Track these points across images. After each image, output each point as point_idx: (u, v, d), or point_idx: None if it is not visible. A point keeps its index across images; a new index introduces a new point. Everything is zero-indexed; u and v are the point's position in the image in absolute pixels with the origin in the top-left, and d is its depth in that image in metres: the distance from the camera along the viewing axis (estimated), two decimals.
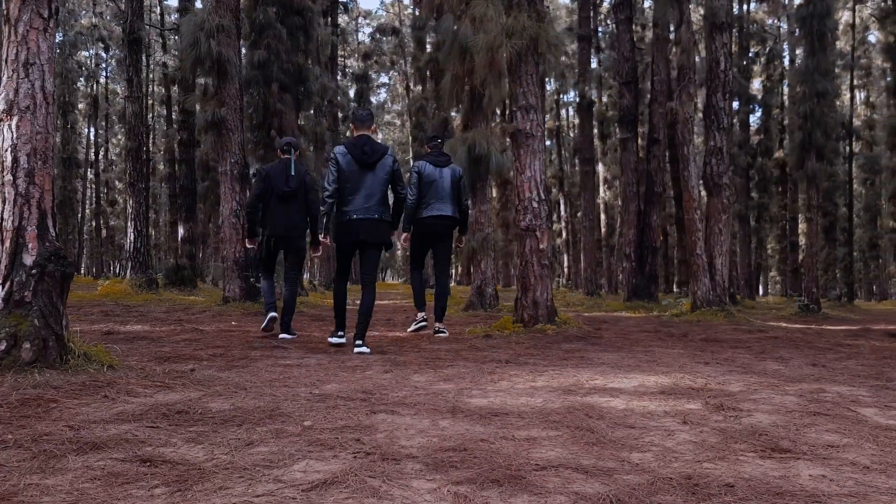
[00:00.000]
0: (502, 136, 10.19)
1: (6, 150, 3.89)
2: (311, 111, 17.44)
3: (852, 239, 23.68)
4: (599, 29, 31.29)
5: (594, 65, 24.42)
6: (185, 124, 19.07)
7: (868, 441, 2.90)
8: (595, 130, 25.95)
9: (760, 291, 39.51)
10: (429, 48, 20.77)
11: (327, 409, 3.32)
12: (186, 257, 17.86)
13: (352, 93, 33.91)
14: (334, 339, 5.95)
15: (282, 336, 6.47)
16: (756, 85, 32.71)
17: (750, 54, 27.73)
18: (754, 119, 30.52)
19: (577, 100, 20.78)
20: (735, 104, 23.81)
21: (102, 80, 40.21)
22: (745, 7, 26.81)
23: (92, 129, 41.26)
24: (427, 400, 3.60)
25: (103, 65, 39.81)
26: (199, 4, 17.13)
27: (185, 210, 18.87)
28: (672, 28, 11.33)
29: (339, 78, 29.42)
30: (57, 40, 9.33)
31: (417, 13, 23.37)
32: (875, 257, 33.57)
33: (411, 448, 2.69)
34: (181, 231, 19.09)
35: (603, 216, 35.56)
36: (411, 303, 9.86)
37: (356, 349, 5.57)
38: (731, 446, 2.81)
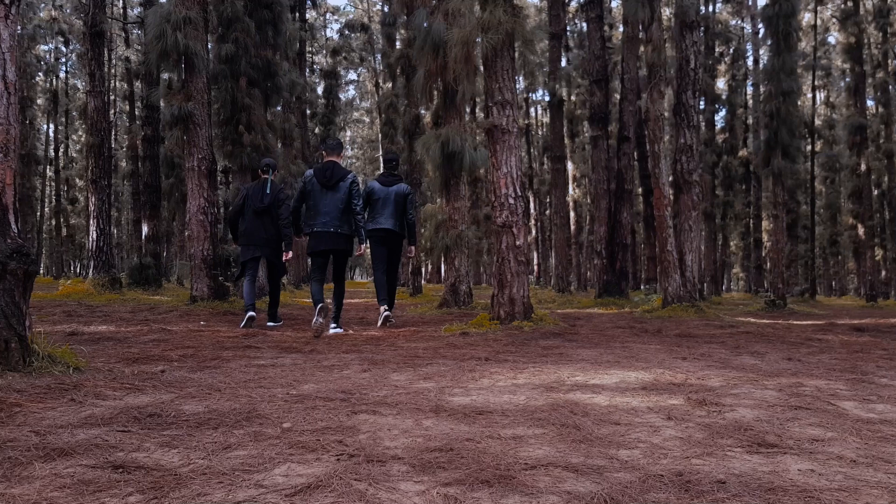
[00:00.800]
0: (475, 132, 10.13)
1: None
2: (280, 107, 17.21)
3: (814, 236, 24.13)
4: (568, 28, 31.45)
5: (563, 63, 24.49)
6: (150, 120, 18.68)
7: (851, 434, 2.90)
8: (564, 129, 26.06)
9: (724, 287, 40.15)
10: (399, 45, 20.65)
11: (306, 410, 3.22)
12: (151, 256, 17.48)
13: (320, 89, 33.60)
14: (332, 331, 7.11)
15: (269, 324, 7.74)
16: (721, 84, 33.20)
17: (715, 54, 28.13)
18: (719, 118, 30.98)
19: (547, 97, 20.82)
20: (701, 103, 24.12)
21: (62, 75, 39.27)
22: (710, 7, 27.18)
23: (51, 126, 40.28)
24: (408, 399, 3.52)
25: (63, 59, 38.89)
26: None
27: (149, 207, 18.49)
28: (642, 27, 11.36)
29: (307, 74, 29.12)
30: None
31: (387, 9, 23.20)
32: (835, 254, 34.34)
33: (396, 449, 2.61)
34: (145, 229, 18.70)
35: (572, 214, 35.79)
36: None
37: (331, 329, 7.05)
38: (718, 441, 2.78)
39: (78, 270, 41.57)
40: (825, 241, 32.60)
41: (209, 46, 11.06)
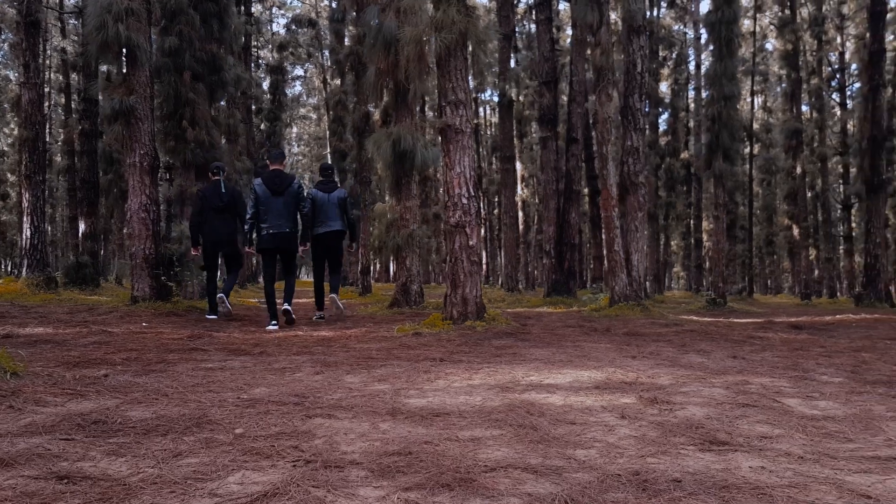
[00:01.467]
0: (425, 130, 10.11)
1: None
2: (224, 102, 16.84)
3: (752, 236, 24.85)
4: (517, 29, 31.68)
5: (513, 64, 24.65)
6: (87, 113, 18.01)
7: (798, 431, 2.98)
8: (514, 129, 26.23)
9: (666, 286, 41.05)
10: (348, 41, 20.42)
11: (259, 415, 3.15)
12: (88, 254, 16.86)
13: (266, 85, 33.04)
14: (269, 327, 7.69)
15: (219, 295, 8.44)
16: (664, 88, 33.95)
17: (659, 58, 28.74)
18: (662, 121, 31.66)
19: (497, 98, 20.92)
20: (646, 106, 24.57)
21: None
22: (655, 12, 27.73)
23: None
24: (364, 402, 3.48)
25: None
26: None
27: (86, 204, 17.83)
28: (591, 30, 11.50)
29: (253, 69, 28.59)
30: None
31: (335, 5, 22.93)
32: (771, 253, 35.52)
33: (354, 454, 2.57)
34: (82, 226, 18.04)
35: (520, 213, 36.09)
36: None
37: (283, 307, 7.94)
38: (671, 440, 2.83)
39: (10, 269, 39.91)
40: (762, 241, 33.62)
41: (152, 39, 10.74)
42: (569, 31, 33.71)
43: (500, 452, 2.61)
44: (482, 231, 39.23)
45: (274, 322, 7.72)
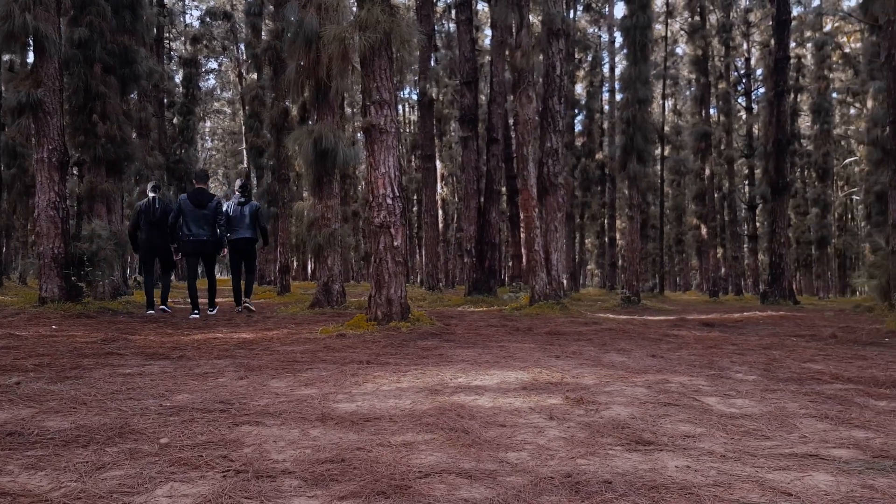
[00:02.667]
0: (344, 128, 10.01)
1: None
2: (136, 95, 16.18)
3: (663, 235, 25.78)
4: (435, 28, 31.80)
5: (432, 63, 24.74)
6: None
7: (718, 430, 3.10)
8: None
9: (581, 283, 42.13)
10: (265, 36, 19.95)
11: (184, 424, 3.05)
12: None
13: (178, 78, 31.93)
14: (192, 316, 9.32)
15: (161, 307, 9.86)
16: (579, 89, 34.80)
17: (575, 60, 29.44)
18: (578, 122, 32.45)
19: (417, 96, 20.93)
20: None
21: None
22: (570, 15, 28.37)
23: None
24: (292, 408, 3.42)
25: None
26: None
27: None
28: (513, 31, 11.67)
29: (165, 62, 27.59)
30: None
31: None
32: (680, 252, 36.97)
33: (285, 462, 2.52)
34: None
35: (440, 212, 36.26)
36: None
37: (209, 311, 9.91)
38: (599, 440, 2.90)
39: None
40: (672, 240, 34.92)
41: (61, 29, 10.21)
42: (487, 32, 34.10)
43: (433, 457, 2.62)
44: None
45: (196, 311, 9.42)
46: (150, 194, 9.83)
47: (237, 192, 10.66)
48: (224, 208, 10.19)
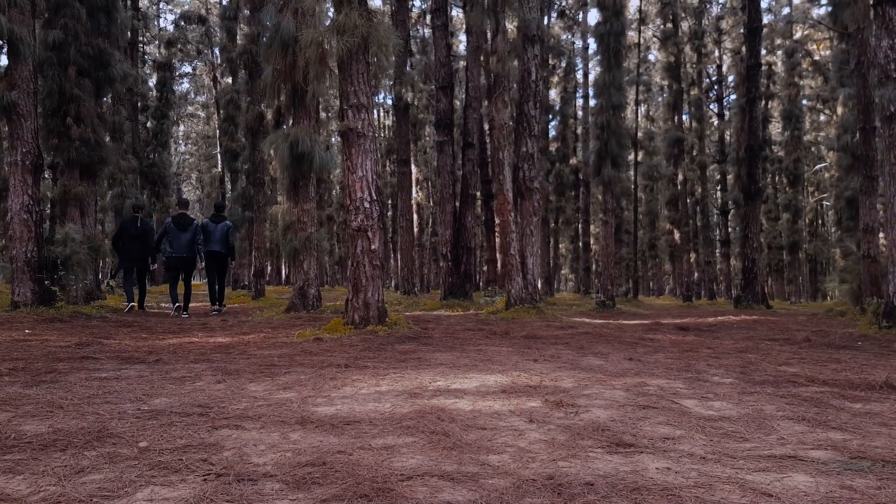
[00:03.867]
0: (319, 131, 9.97)
1: None
2: (109, 98, 15.96)
3: (636, 240, 26.02)
4: (410, 33, 31.83)
5: (408, 68, 24.77)
6: None
7: (697, 432, 3.13)
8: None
9: (556, 288, 42.35)
10: (241, 40, 19.82)
11: (163, 427, 3.02)
12: None
13: (152, 81, 31.58)
14: (174, 308, 11.34)
15: (132, 304, 11.27)
16: (553, 95, 35.03)
17: (549, 66, 29.65)
18: (552, 127, 32.65)
19: (392, 101, 20.93)
20: None
21: None
22: (545, 21, 28.58)
23: None
24: (271, 411, 3.40)
25: None
26: None
27: None
28: (489, 37, 11.73)
29: (139, 65, 27.26)
30: None
31: (227, 2, 22.22)
32: (653, 256, 37.31)
33: (266, 466, 2.51)
34: None
35: (415, 216, 36.23)
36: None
37: (182, 314, 10.97)
38: (580, 443, 2.91)
39: None
40: (645, 245, 35.22)
41: (36, 32, 10.07)
42: (462, 38, 34.20)
43: (414, 460, 2.61)
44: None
45: (178, 304, 11.30)
46: (133, 213, 11.62)
47: (214, 211, 12.24)
48: (203, 223, 11.86)
